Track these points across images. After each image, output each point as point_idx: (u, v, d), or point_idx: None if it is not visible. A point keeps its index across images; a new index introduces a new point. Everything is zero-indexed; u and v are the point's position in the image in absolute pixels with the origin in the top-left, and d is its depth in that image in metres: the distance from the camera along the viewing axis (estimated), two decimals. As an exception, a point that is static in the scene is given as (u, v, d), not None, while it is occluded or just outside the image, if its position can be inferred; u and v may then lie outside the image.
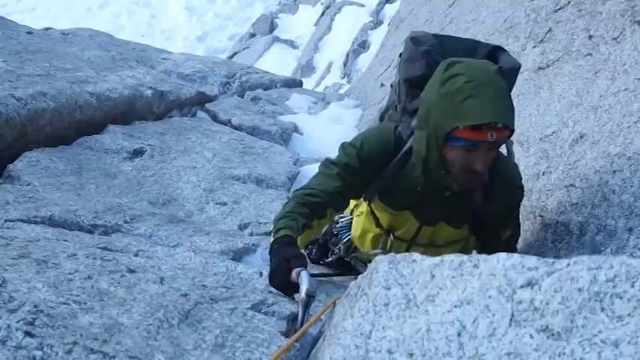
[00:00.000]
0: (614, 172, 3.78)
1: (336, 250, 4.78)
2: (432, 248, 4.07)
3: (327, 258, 4.90)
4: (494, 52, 3.94)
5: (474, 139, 3.38)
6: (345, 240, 4.71)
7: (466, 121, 3.34)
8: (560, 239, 3.99)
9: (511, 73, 3.81)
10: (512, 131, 3.48)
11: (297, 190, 4.05)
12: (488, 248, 3.78)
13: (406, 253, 2.40)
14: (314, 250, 4.99)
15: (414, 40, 4.02)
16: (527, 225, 4.38)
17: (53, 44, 8.66)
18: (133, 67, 8.63)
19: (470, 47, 4.00)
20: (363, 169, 3.90)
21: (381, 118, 4.26)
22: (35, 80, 6.27)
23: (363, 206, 4.33)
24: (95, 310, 2.81)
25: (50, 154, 5.55)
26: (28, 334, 2.46)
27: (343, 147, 3.99)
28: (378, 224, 4.26)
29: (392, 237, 4.21)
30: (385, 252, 4.10)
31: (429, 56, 3.89)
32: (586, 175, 4.03)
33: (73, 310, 2.76)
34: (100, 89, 6.80)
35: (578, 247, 3.77)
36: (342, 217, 4.75)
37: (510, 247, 3.95)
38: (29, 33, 8.87)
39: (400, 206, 4.05)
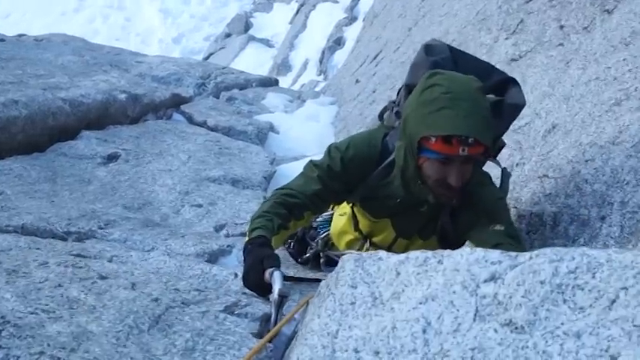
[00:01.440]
0: (587, 161, 3.78)
1: (314, 245, 4.76)
2: None
3: (306, 253, 4.87)
4: (507, 83, 3.88)
5: (446, 152, 3.35)
6: (323, 235, 4.69)
7: (436, 131, 3.32)
8: (534, 230, 3.99)
9: (513, 109, 3.80)
10: (487, 148, 3.45)
11: (278, 189, 4.02)
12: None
13: (372, 251, 2.39)
14: (292, 243, 4.95)
15: (428, 48, 3.97)
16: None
17: (26, 51, 8.66)
18: (107, 72, 8.61)
19: (484, 70, 3.92)
20: (344, 174, 3.86)
21: (380, 116, 4.20)
22: (7, 88, 6.25)
23: (347, 207, 4.30)
24: (64, 319, 2.79)
25: (23, 162, 5.52)
26: (-6, 345, 2.45)
27: (329, 149, 3.95)
28: (357, 228, 4.24)
29: (369, 243, 4.20)
30: None
31: (436, 68, 3.76)
32: (559, 166, 4.03)
33: (41, 319, 2.74)
34: (72, 95, 6.77)
35: (552, 237, 3.77)
36: None
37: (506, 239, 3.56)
38: (2, 40, 8.87)
39: (379, 215, 4.03)
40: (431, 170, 3.48)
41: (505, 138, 4.00)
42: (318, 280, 4.01)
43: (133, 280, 3.41)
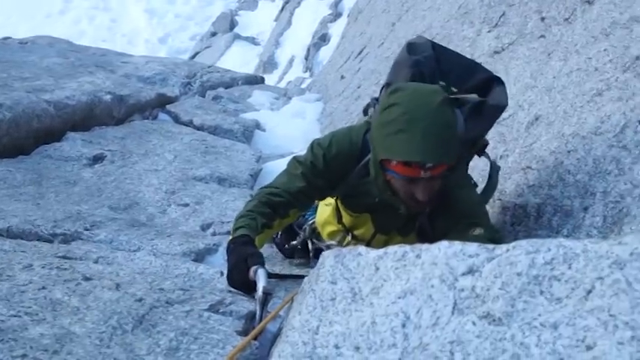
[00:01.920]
0: (569, 152, 3.79)
1: (301, 233, 4.78)
2: None
3: (293, 241, 4.89)
4: (491, 82, 3.84)
5: (407, 175, 3.35)
6: (310, 222, 4.71)
7: (393, 156, 3.33)
8: (518, 222, 4.01)
9: (495, 109, 3.75)
10: (451, 165, 3.43)
11: (262, 187, 4.01)
12: None
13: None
14: (279, 232, 4.94)
15: (410, 46, 3.92)
16: (487, 209, 4.39)
17: (11, 54, 8.65)
18: (92, 73, 8.60)
19: (467, 67, 3.90)
20: (327, 170, 3.84)
21: (365, 111, 4.18)
22: (-9, 92, 6.24)
23: (332, 199, 4.29)
24: (47, 321, 2.78)
25: (8, 165, 5.51)
26: (-24, 350, 2.44)
27: (312, 146, 3.93)
28: (340, 221, 4.24)
29: (350, 236, 4.21)
30: (341, 246, 4.09)
31: (417, 67, 3.76)
32: (542, 157, 4.04)
33: (24, 322, 2.74)
34: (57, 97, 6.76)
35: (536, 228, 3.79)
36: None
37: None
38: (-14, 44, 8.85)
39: (359, 210, 4.03)
40: (398, 186, 3.47)
41: (489, 132, 4.00)
42: (303, 277, 4.02)
43: (118, 280, 3.40)
